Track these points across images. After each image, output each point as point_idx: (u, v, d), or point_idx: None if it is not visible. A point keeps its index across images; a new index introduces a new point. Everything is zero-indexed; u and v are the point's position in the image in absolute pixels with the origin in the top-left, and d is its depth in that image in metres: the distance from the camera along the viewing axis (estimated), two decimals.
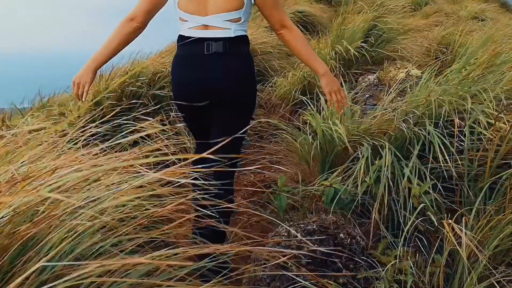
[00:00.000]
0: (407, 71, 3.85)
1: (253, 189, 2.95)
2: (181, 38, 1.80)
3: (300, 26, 7.83)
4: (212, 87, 1.76)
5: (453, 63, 4.19)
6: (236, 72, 1.79)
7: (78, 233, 1.00)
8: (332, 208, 1.85)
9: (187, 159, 1.00)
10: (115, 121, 1.98)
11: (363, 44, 4.26)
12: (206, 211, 1.24)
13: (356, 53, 4.06)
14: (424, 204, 1.68)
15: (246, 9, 1.78)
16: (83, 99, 1.82)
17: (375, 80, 3.73)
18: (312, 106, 3.35)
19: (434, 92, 2.32)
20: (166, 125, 3.01)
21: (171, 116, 3.24)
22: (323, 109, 3.20)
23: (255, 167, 2.99)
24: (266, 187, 2.83)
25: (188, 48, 1.77)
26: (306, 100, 4.11)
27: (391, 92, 2.96)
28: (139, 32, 1.81)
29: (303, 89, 4.11)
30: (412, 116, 2.28)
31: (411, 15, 7.71)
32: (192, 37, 1.75)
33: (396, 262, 1.48)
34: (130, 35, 1.78)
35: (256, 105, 1.94)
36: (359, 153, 2.26)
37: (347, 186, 2.00)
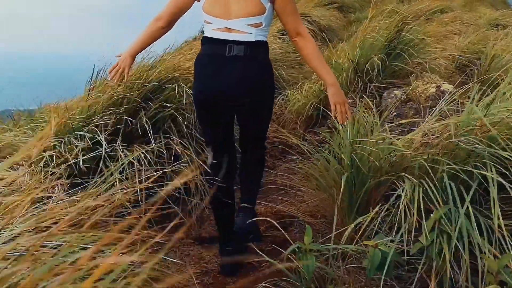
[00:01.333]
0: (437, 85, 3.43)
1: (266, 225, 2.54)
2: (205, 39, 1.90)
3: (310, 32, 7.45)
4: (227, 92, 1.85)
5: (486, 74, 3.77)
6: (250, 78, 1.85)
7: None
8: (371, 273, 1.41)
9: None
10: None
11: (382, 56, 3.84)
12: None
13: (379, 64, 3.64)
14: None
15: (267, 15, 1.85)
16: (124, 80, 2.08)
17: (402, 96, 3.31)
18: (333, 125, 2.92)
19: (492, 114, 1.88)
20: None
21: None
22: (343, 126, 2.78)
23: (266, 199, 2.59)
24: (281, 222, 2.41)
25: (211, 48, 1.87)
26: (324, 112, 3.71)
27: (427, 112, 2.53)
28: (164, 32, 2.00)
29: (319, 104, 3.70)
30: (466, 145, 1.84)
31: (428, 24, 7.31)
32: (216, 38, 1.84)
33: None
34: (155, 33, 1.99)
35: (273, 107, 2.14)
36: (400, 189, 1.83)
37: (392, 239, 1.55)
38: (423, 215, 1.51)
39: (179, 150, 2.51)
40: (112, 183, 1.93)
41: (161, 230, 0.71)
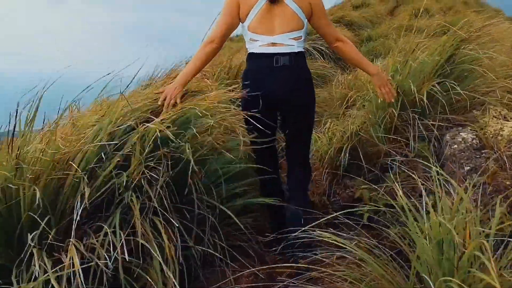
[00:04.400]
0: None
1: None
2: (252, 55, 2.13)
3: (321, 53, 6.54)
4: (282, 96, 2.08)
5: None
6: (301, 81, 2.13)
7: None
8: None
9: None
10: None
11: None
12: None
13: (435, 93, 2.69)
14: None
15: (305, 29, 2.13)
16: (169, 110, 1.98)
17: (474, 141, 2.35)
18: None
19: None
20: None
21: None
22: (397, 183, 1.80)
23: None
24: None
25: (260, 61, 2.10)
26: (356, 158, 2.73)
27: None
28: (217, 52, 2.14)
29: (351, 148, 2.73)
30: None
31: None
32: (264, 53, 2.08)
33: None
34: (210, 55, 2.12)
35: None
36: None
37: None
38: None
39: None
40: None
41: None
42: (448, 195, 1.59)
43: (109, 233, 1.51)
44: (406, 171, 2.51)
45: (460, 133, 2.42)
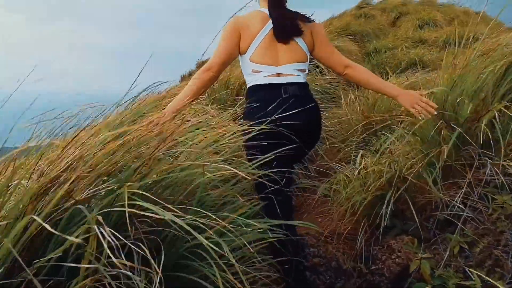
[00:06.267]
0: None
1: None
2: (256, 86, 1.94)
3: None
4: (296, 127, 1.85)
5: None
6: (314, 111, 1.95)
7: None
8: None
9: None
10: None
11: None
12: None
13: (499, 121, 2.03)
14: None
15: (307, 63, 1.99)
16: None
17: None
18: None
19: None
20: None
21: None
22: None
23: None
24: None
25: (265, 94, 1.91)
26: (396, 211, 2.05)
27: None
28: (214, 81, 2.00)
29: (389, 194, 2.04)
30: None
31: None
32: (269, 84, 1.91)
33: None
34: (207, 82, 1.95)
35: None
36: None
37: None
38: None
39: None
40: None
41: None
42: None
43: None
44: (478, 232, 1.84)
45: None
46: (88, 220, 1.00)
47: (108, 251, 0.93)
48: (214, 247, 1.03)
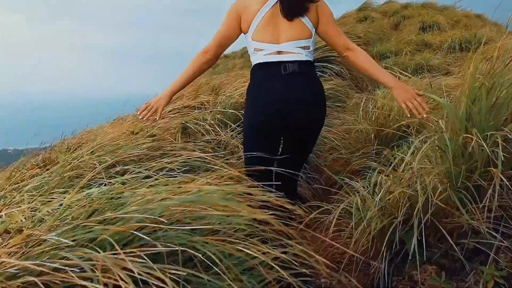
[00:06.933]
0: None
1: None
2: (257, 65, 1.96)
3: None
4: (294, 106, 1.88)
5: None
6: (314, 92, 1.94)
7: None
8: None
9: None
10: None
11: None
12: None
13: None
14: None
15: (313, 40, 1.97)
16: (155, 118, 2.01)
17: None
18: None
19: None
20: None
21: None
22: None
23: None
24: None
25: (266, 72, 1.92)
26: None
27: None
28: (212, 63, 2.05)
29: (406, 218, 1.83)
30: None
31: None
32: (270, 62, 1.91)
33: None
34: (204, 65, 2.02)
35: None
36: None
37: None
38: None
39: None
40: None
41: None
42: None
43: None
44: None
45: None
46: None
47: None
48: None
